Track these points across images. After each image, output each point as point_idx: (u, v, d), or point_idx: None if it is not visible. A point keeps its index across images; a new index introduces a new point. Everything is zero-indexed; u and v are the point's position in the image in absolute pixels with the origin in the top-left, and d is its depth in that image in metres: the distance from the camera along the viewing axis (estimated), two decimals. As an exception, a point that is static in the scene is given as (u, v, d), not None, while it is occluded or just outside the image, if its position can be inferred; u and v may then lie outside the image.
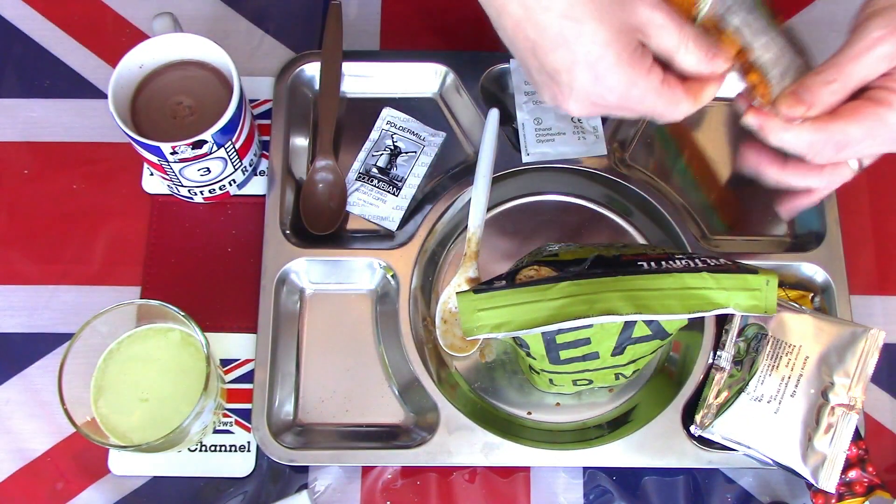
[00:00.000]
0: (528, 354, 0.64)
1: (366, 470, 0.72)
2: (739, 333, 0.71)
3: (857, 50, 0.58)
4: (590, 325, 0.61)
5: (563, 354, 0.64)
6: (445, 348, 0.74)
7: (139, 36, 0.84)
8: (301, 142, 0.80)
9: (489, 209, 0.77)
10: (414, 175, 0.78)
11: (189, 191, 0.76)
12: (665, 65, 0.58)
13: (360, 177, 0.78)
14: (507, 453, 0.69)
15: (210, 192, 0.77)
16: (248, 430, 0.72)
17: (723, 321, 0.72)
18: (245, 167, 0.77)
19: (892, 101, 0.58)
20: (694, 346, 0.72)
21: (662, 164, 0.80)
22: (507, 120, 0.79)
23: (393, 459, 0.70)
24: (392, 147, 0.79)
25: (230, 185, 0.77)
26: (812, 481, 0.67)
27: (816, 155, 0.61)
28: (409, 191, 0.78)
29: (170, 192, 0.78)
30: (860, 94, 0.60)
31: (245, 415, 0.72)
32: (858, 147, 0.60)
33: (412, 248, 0.75)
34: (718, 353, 0.71)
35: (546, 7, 0.54)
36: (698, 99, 0.60)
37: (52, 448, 0.72)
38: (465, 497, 0.71)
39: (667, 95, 0.59)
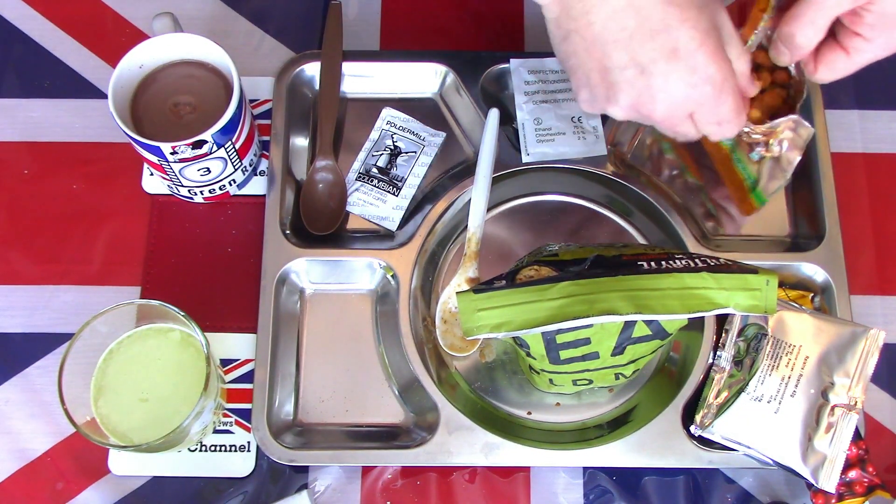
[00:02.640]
0: (528, 354, 0.64)
1: (366, 470, 0.72)
2: (739, 333, 0.71)
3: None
4: (590, 325, 0.61)
5: (563, 354, 0.64)
6: (445, 348, 0.74)
7: (139, 36, 0.84)
8: (301, 142, 0.80)
9: (489, 209, 0.77)
10: (414, 175, 0.78)
11: (189, 191, 0.76)
12: None
13: (360, 177, 0.78)
14: (507, 453, 0.69)
15: (210, 192, 0.77)
16: (248, 430, 0.72)
17: (723, 321, 0.72)
18: (245, 167, 0.77)
19: (860, 49, 0.61)
20: (694, 346, 0.72)
21: (662, 164, 0.80)
22: (507, 120, 0.79)
23: (393, 459, 0.70)
24: (392, 147, 0.79)
25: (230, 185, 0.77)
26: (812, 481, 0.67)
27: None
28: (409, 191, 0.78)
29: (170, 192, 0.78)
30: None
31: (245, 415, 0.72)
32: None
33: (412, 248, 0.75)
34: (718, 353, 0.71)
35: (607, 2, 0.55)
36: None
37: (52, 448, 0.72)
38: (465, 497, 0.71)
39: (738, 102, 0.61)
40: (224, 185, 0.77)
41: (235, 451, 0.72)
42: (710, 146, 0.76)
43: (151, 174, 0.79)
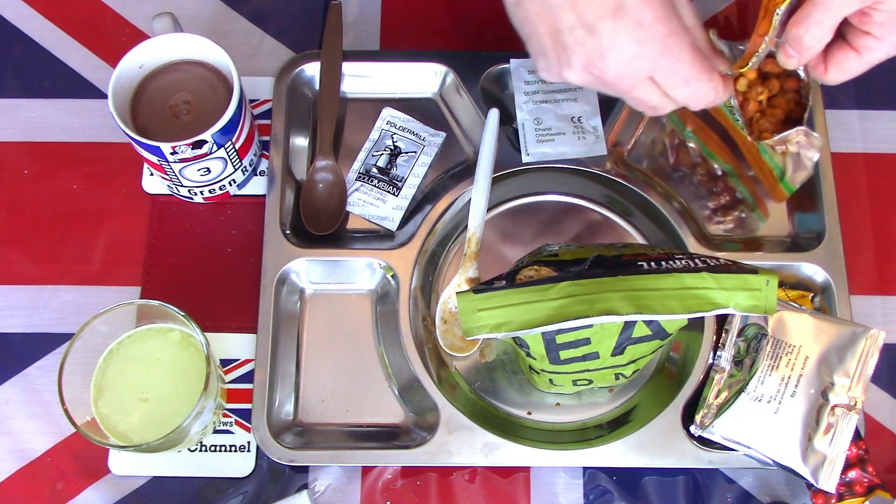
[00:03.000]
0: (528, 354, 0.64)
1: (366, 470, 0.72)
2: (739, 333, 0.71)
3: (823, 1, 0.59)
4: (590, 326, 0.61)
5: (563, 354, 0.64)
6: (445, 348, 0.74)
7: (139, 36, 0.84)
8: (301, 142, 0.80)
9: (489, 209, 0.77)
10: (414, 175, 0.78)
11: (189, 191, 0.76)
12: None
13: (360, 177, 0.78)
14: (507, 453, 0.69)
15: (210, 192, 0.77)
16: (248, 430, 0.72)
17: (723, 321, 0.72)
18: (245, 167, 0.77)
19: (870, 47, 0.60)
20: (694, 346, 0.72)
21: (662, 164, 0.80)
22: (507, 120, 0.79)
23: (393, 459, 0.70)
24: (392, 147, 0.79)
25: (230, 185, 0.77)
26: (812, 481, 0.67)
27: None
28: (409, 191, 0.78)
29: (170, 192, 0.78)
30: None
31: (245, 415, 0.72)
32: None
33: (412, 248, 0.75)
34: (718, 353, 0.71)
35: None
36: (724, 84, 0.61)
37: (52, 448, 0.72)
38: (465, 497, 0.71)
39: (701, 59, 0.59)
40: (224, 185, 0.77)
41: (235, 451, 0.72)
42: (737, 136, 0.75)
43: (151, 174, 0.79)
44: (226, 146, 0.72)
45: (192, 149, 0.70)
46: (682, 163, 0.79)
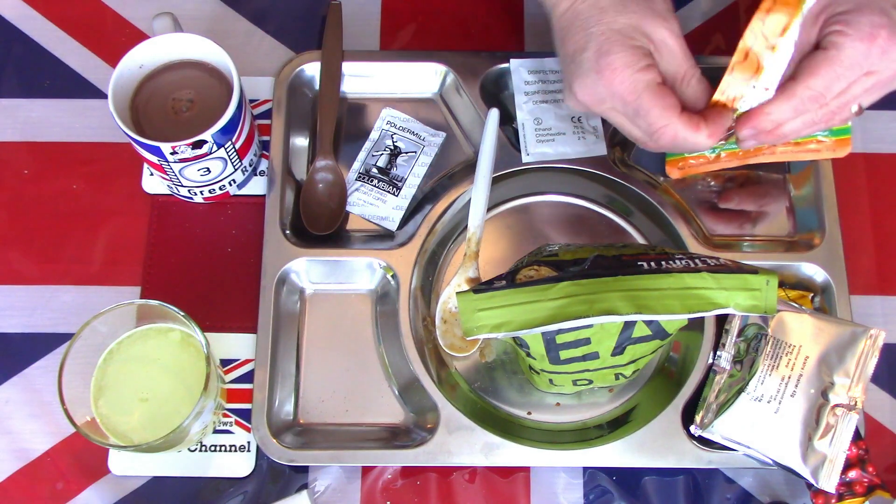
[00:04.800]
0: (528, 354, 0.64)
1: (366, 470, 0.72)
2: (739, 333, 0.71)
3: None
4: (590, 325, 0.61)
5: (563, 354, 0.64)
6: (445, 348, 0.74)
7: (139, 36, 0.84)
8: (301, 142, 0.80)
9: (489, 209, 0.77)
10: (414, 175, 0.78)
11: (189, 191, 0.76)
12: None
13: (360, 177, 0.78)
14: (507, 453, 0.69)
15: (210, 192, 0.77)
16: (248, 430, 0.72)
17: (723, 321, 0.72)
18: (245, 167, 0.77)
19: (838, 42, 0.61)
20: (694, 346, 0.72)
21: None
22: (507, 120, 0.79)
23: (393, 459, 0.70)
24: (392, 147, 0.79)
25: (230, 185, 0.77)
26: (812, 481, 0.67)
27: (809, 116, 0.64)
28: (409, 191, 0.78)
29: (170, 192, 0.78)
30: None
31: (245, 415, 0.72)
32: (840, 95, 0.63)
33: (412, 248, 0.75)
34: (718, 353, 0.71)
35: None
36: (704, 126, 0.64)
37: (52, 448, 0.72)
38: (465, 497, 0.71)
39: (662, 98, 0.63)
40: (224, 185, 0.77)
41: (235, 451, 0.72)
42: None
43: (151, 174, 0.79)
44: (226, 146, 0.72)
45: (192, 149, 0.70)
46: None
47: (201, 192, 0.77)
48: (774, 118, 0.64)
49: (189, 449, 0.72)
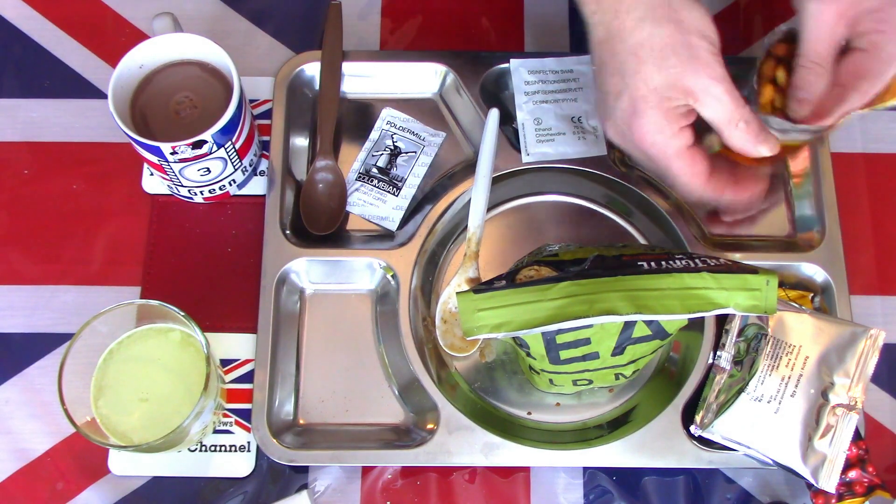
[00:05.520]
0: (528, 354, 0.64)
1: (366, 470, 0.72)
2: (739, 333, 0.71)
3: (809, 31, 0.64)
4: (590, 325, 0.61)
5: (563, 354, 0.64)
6: (445, 348, 0.74)
7: (139, 36, 0.84)
8: (301, 142, 0.80)
9: (489, 209, 0.77)
10: (414, 175, 0.78)
11: (189, 191, 0.76)
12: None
13: (360, 177, 0.78)
14: (507, 453, 0.69)
15: (210, 192, 0.77)
16: (248, 430, 0.72)
17: (723, 321, 0.72)
18: (245, 167, 0.77)
19: (878, 42, 0.63)
20: (694, 346, 0.72)
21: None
22: (507, 120, 0.79)
23: (393, 459, 0.70)
24: (392, 147, 0.79)
25: (230, 185, 0.77)
26: (812, 481, 0.67)
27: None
28: (409, 191, 0.78)
29: (170, 192, 0.78)
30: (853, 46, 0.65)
31: (245, 415, 0.72)
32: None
33: (412, 248, 0.75)
34: (718, 353, 0.71)
35: (622, 39, 0.62)
36: (728, 192, 0.68)
37: (52, 448, 0.72)
38: (465, 497, 0.71)
39: (691, 165, 0.65)
40: (224, 185, 0.77)
41: (235, 451, 0.72)
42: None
43: (151, 174, 0.79)
44: (226, 146, 0.72)
45: (192, 149, 0.70)
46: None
47: (201, 192, 0.77)
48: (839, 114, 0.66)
49: (189, 449, 0.72)
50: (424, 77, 0.81)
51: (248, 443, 0.72)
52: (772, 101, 0.68)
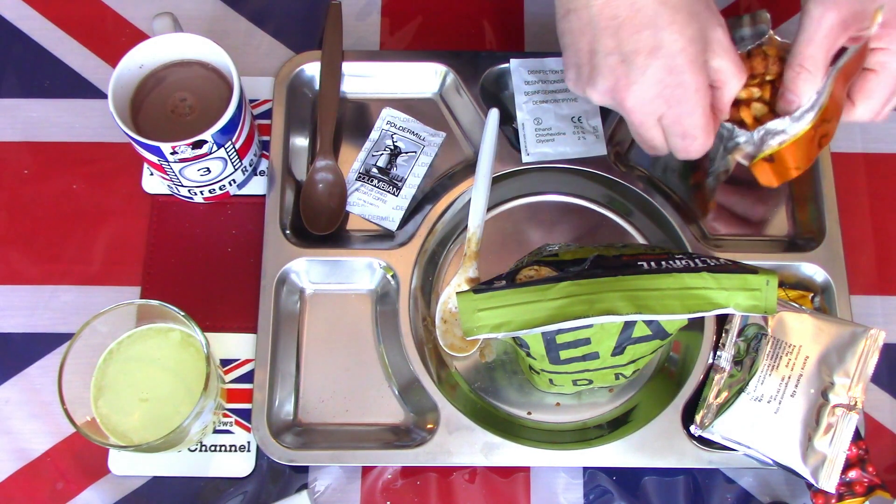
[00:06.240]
0: (528, 354, 0.64)
1: (366, 470, 0.72)
2: (739, 333, 0.71)
3: (807, 34, 0.63)
4: (590, 325, 0.61)
5: (563, 354, 0.64)
6: (445, 348, 0.74)
7: (139, 36, 0.84)
8: (301, 142, 0.80)
9: (489, 209, 0.77)
10: (414, 175, 0.78)
11: (189, 191, 0.76)
12: None
13: (360, 177, 0.78)
14: (507, 453, 0.69)
15: (210, 192, 0.77)
16: (248, 430, 0.72)
17: (723, 321, 0.72)
18: (245, 167, 0.77)
19: (885, 62, 0.63)
20: (694, 346, 0.72)
21: (662, 164, 0.79)
22: (507, 120, 0.79)
23: (393, 459, 0.70)
24: (392, 147, 0.79)
25: (230, 185, 0.77)
26: (812, 481, 0.67)
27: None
28: (409, 191, 0.78)
29: (170, 192, 0.78)
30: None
31: (245, 415, 0.72)
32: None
33: (412, 248, 0.75)
34: (718, 353, 0.71)
35: None
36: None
37: (52, 448, 0.72)
38: (465, 497, 0.71)
39: (706, 122, 0.62)
40: (224, 185, 0.77)
41: (235, 451, 0.72)
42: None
43: (151, 174, 0.79)
44: (226, 146, 0.72)
45: (192, 149, 0.70)
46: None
47: (201, 192, 0.77)
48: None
49: (189, 449, 0.72)
50: (424, 77, 0.81)
51: (248, 443, 0.72)
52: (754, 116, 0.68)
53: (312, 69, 0.80)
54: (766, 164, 0.68)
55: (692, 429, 0.69)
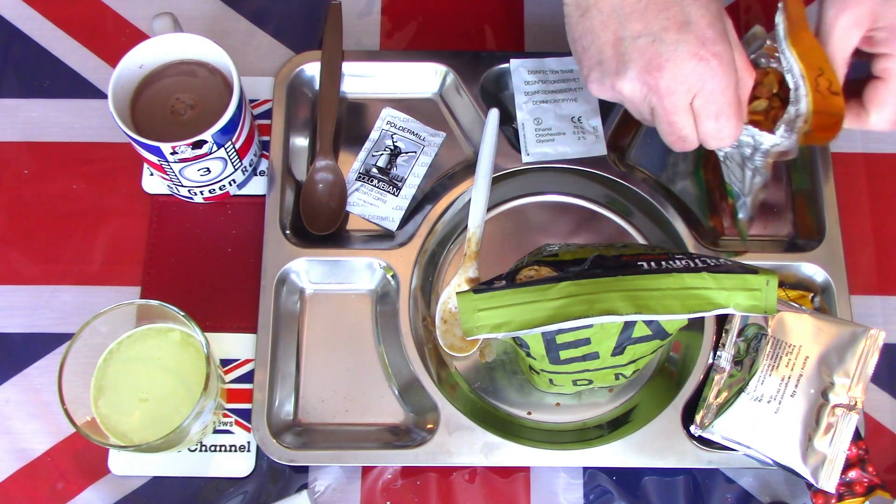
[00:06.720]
0: (528, 354, 0.64)
1: (366, 470, 0.72)
2: (739, 333, 0.71)
3: (821, 37, 0.63)
4: (590, 326, 0.61)
5: (563, 354, 0.64)
6: (445, 348, 0.74)
7: (139, 36, 0.84)
8: (301, 142, 0.80)
9: (489, 209, 0.77)
10: (414, 175, 0.78)
11: (189, 191, 0.76)
12: None
13: (360, 177, 0.78)
14: (507, 453, 0.69)
15: (210, 192, 0.77)
16: (248, 430, 0.72)
17: (723, 321, 0.72)
18: (245, 167, 0.77)
19: (892, 69, 0.63)
20: (694, 346, 0.72)
21: (662, 164, 0.80)
22: (507, 120, 0.79)
23: (393, 459, 0.70)
24: (392, 147, 0.79)
25: (230, 185, 0.77)
26: (812, 481, 0.67)
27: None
28: (409, 191, 0.78)
29: (170, 192, 0.78)
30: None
31: (245, 415, 0.72)
32: None
33: (412, 248, 0.75)
34: (718, 353, 0.71)
35: None
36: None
37: (52, 448, 0.72)
38: (465, 497, 0.71)
39: (738, 100, 0.61)
40: (224, 185, 0.77)
41: (235, 451, 0.72)
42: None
43: (151, 174, 0.79)
44: (226, 146, 0.72)
45: (192, 149, 0.70)
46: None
47: (201, 192, 0.77)
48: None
49: (189, 449, 0.72)
50: (424, 77, 0.81)
51: (248, 443, 0.72)
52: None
53: (312, 69, 0.80)
54: (813, 134, 0.67)
55: (692, 429, 0.69)
